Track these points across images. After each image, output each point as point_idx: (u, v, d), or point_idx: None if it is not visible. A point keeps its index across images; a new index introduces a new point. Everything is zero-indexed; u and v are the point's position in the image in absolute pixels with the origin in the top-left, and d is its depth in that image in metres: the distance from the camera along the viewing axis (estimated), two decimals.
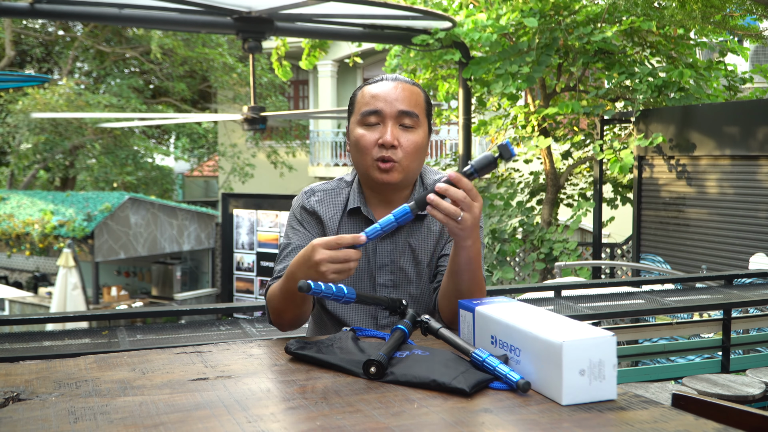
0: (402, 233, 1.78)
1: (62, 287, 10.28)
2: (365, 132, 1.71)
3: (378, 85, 1.74)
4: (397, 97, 1.71)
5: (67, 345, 3.20)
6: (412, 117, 1.71)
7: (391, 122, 1.70)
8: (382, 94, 1.71)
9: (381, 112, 1.70)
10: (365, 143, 1.71)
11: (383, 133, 1.69)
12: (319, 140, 17.49)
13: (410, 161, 1.71)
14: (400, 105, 1.70)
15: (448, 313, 1.65)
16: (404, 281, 1.77)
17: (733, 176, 7.04)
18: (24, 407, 1.13)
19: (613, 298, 4.17)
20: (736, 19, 7.76)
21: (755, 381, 3.52)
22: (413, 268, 1.77)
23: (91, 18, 8.93)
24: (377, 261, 1.77)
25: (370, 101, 1.72)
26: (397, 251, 1.77)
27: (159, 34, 16.22)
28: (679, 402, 1.35)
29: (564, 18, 7.94)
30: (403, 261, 1.77)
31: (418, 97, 1.75)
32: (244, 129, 9.00)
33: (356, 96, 1.78)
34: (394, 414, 1.08)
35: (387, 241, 1.77)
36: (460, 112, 8.44)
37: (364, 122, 1.72)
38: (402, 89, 1.72)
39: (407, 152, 1.70)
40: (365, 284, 1.77)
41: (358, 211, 1.79)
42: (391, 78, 1.76)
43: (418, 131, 1.73)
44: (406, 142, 1.70)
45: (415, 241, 1.78)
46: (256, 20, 7.20)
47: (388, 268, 1.77)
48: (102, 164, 17.27)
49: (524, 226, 8.59)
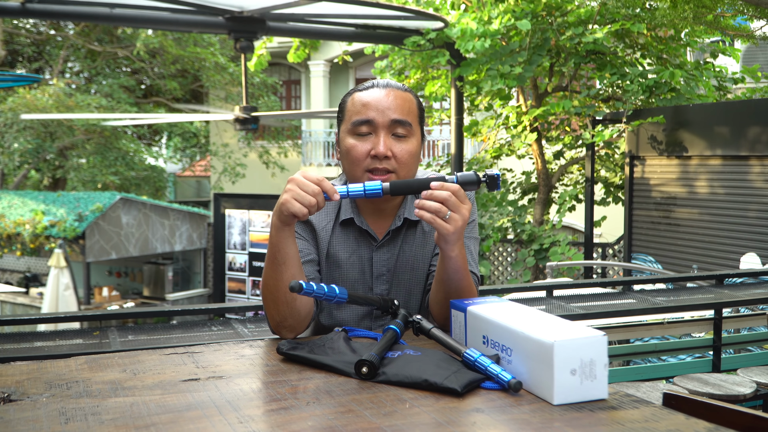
0: (398, 242, 1.74)
1: (53, 288, 10.25)
2: (357, 142, 1.66)
3: (369, 92, 1.68)
4: (389, 105, 1.66)
5: (59, 346, 3.19)
6: (405, 126, 1.66)
7: (383, 132, 1.65)
8: (373, 103, 1.66)
9: (373, 121, 1.65)
10: (357, 154, 1.66)
11: (376, 143, 1.64)
12: (311, 140, 17.48)
13: (405, 171, 1.67)
14: (393, 114, 1.65)
15: (440, 318, 1.63)
16: (401, 291, 1.74)
17: (723, 176, 7.06)
18: (15, 408, 1.12)
19: (605, 297, 4.19)
20: (728, 20, 7.79)
21: (746, 380, 3.53)
22: (410, 277, 1.74)
23: (82, 17, 8.91)
24: (374, 271, 1.73)
25: (362, 110, 1.66)
26: (393, 261, 1.74)
27: (148, 33, 16.17)
28: (670, 401, 1.35)
29: (556, 19, 7.96)
30: (400, 270, 1.74)
31: (411, 104, 1.70)
32: (236, 129, 8.99)
33: (346, 103, 1.72)
34: (386, 414, 1.09)
35: (383, 250, 1.73)
36: (452, 112, 8.45)
37: (355, 132, 1.67)
38: (394, 97, 1.67)
39: (401, 162, 1.66)
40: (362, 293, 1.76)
41: (352, 222, 1.74)
42: (382, 84, 1.70)
43: (411, 140, 1.68)
44: (400, 152, 1.66)
45: (412, 249, 1.75)
46: (248, 20, 7.19)
47: (385, 278, 1.73)
48: (91, 164, 17.21)
49: (516, 224, 8.61)
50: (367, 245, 1.73)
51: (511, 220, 8.69)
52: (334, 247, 1.73)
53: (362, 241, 1.73)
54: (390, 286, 1.73)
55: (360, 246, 1.73)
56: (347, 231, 1.74)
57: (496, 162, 9.36)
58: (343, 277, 1.73)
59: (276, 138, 17.89)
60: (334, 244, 1.73)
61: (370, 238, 1.73)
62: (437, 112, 9.71)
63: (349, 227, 1.74)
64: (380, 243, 1.73)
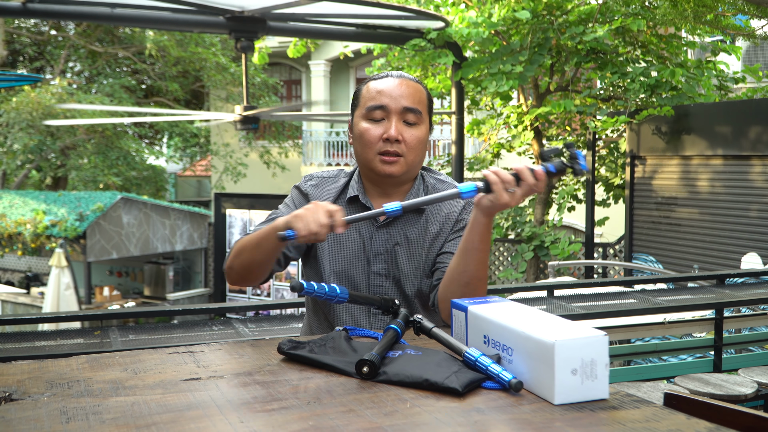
0: (399, 224, 1.81)
1: (54, 287, 10.25)
2: (370, 126, 1.78)
3: (383, 81, 1.80)
4: (402, 93, 1.77)
5: (60, 345, 3.19)
6: (416, 113, 1.77)
7: (395, 118, 1.76)
8: (387, 90, 1.77)
9: (386, 107, 1.76)
10: (370, 137, 1.77)
11: (387, 128, 1.76)
12: (312, 140, 17.46)
13: (413, 155, 1.78)
14: (405, 101, 1.77)
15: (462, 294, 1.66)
16: (397, 271, 1.80)
17: (724, 176, 7.06)
18: (16, 407, 1.12)
19: (606, 297, 4.18)
20: (728, 18, 7.78)
21: (747, 380, 3.53)
22: (407, 260, 1.80)
23: (83, 17, 8.91)
24: (372, 249, 1.80)
25: (376, 96, 1.78)
26: (392, 241, 1.80)
27: (152, 33, 16.17)
28: (671, 401, 1.35)
29: (556, 18, 7.95)
30: (398, 252, 1.80)
31: (421, 94, 1.81)
32: (237, 128, 8.98)
33: (361, 91, 1.83)
34: (387, 414, 1.08)
35: (383, 231, 1.80)
36: (453, 111, 8.45)
37: (369, 116, 1.78)
38: (406, 86, 1.78)
39: (410, 147, 1.77)
40: (359, 271, 1.80)
41: (357, 199, 1.83)
42: (395, 75, 1.81)
43: (421, 127, 1.79)
44: (410, 137, 1.77)
45: (412, 234, 1.81)
46: (248, 20, 7.19)
47: (383, 257, 1.80)
48: (92, 164, 17.21)
49: (516, 224, 8.60)
50: (368, 225, 1.81)
51: (511, 217, 8.69)
52: None
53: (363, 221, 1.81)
54: (387, 266, 1.80)
55: (361, 225, 1.81)
56: (351, 208, 1.82)
57: (495, 161, 9.36)
58: (343, 252, 1.81)
59: (277, 138, 17.88)
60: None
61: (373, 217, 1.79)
62: (437, 110, 9.71)
63: (353, 205, 1.83)
64: (381, 224, 1.80)
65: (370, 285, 1.80)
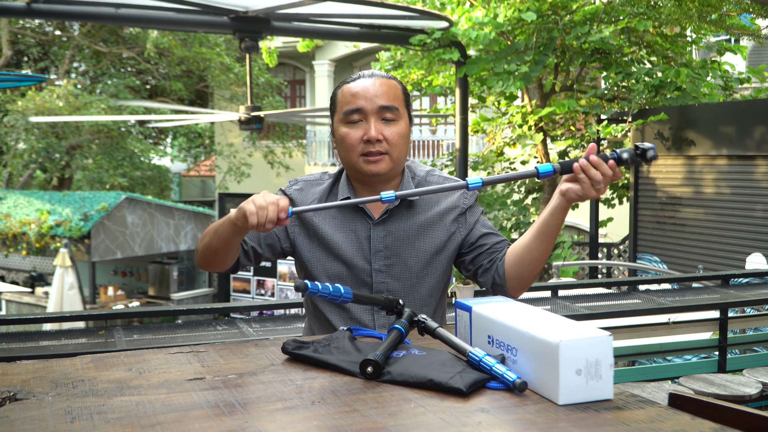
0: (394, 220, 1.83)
1: (59, 287, 10.27)
2: (349, 130, 1.79)
3: (357, 83, 1.81)
4: (377, 93, 1.78)
5: (64, 345, 3.20)
6: (393, 110, 1.79)
7: (373, 118, 1.78)
8: (361, 92, 1.79)
9: (363, 109, 1.78)
10: (351, 141, 1.79)
11: (367, 129, 1.77)
12: (315, 140, 17.47)
13: (397, 151, 1.80)
14: (380, 100, 1.78)
15: (525, 275, 1.78)
16: (401, 266, 1.81)
17: (729, 176, 7.05)
18: (21, 407, 1.13)
19: (610, 297, 4.18)
20: (733, 18, 7.76)
21: (752, 381, 3.52)
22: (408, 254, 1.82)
23: (87, 18, 8.92)
24: (372, 247, 1.81)
25: (351, 100, 1.79)
26: (391, 237, 1.82)
27: (155, 34, 16.19)
28: (676, 402, 1.35)
29: (561, 17, 7.94)
30: (399, 246, 1.82)
31: (396, 90, 1.82)
32: (241, 128, 8.99)
33: (336, 95, 1.84)
34: (391, 414, 1.08)
35: (380, 228, 1.82)
36: (456, 111, 8.42)
37: (347, 120, 1.80)
38: (380, 84, 1.80)
39: (393, 143, 1.78)
40: (360, 270, 1.81)
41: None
42: (367, 75, 1.83)
43: (400, 123, 1.80)
44: (390, 134, 1.78)
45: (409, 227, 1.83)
46: (252, 20, 7.19)
47: (383, 254, 1.81)
48: (98, 164, 17.24)
49: (520, 223, 8.59)
50: (363, 223, 1.83)
51: (514, 216, 8.67)
52: (326, 227, 1.83)
53: (358, 220, 1.83)
54: (389, 261, 1.81)
55: (356, 224, 1.83)
56: (343, 211, 1.85)
57: (499, 160, 9.35)
58: (341, 254, 1.82)
59: (281, 138, 17.89)
60: (325, 225, 1.84)
61: (366, 216, 1.83)
62: (442, 110, 9.70)
63: (344, 207, 1.84)
64: (377, 221, 1.82)
65: (373, 283, 1.80)
